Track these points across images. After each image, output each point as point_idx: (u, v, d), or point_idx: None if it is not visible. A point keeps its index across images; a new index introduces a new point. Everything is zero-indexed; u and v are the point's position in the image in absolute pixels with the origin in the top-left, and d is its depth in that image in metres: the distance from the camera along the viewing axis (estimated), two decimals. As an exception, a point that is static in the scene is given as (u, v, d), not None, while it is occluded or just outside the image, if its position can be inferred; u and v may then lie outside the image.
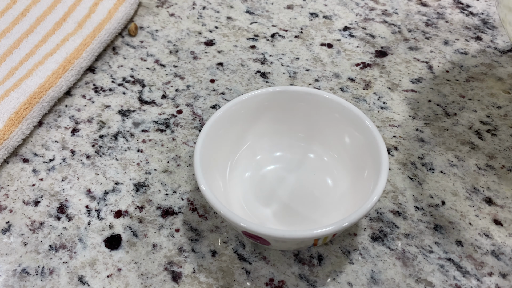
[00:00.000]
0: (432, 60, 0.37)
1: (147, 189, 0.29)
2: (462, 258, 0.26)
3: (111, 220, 0.28)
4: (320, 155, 0.29)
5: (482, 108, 0.34)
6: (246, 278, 0.25)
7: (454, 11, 0.42)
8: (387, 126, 0.33)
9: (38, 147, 0.32)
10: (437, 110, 0.34)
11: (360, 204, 0.23)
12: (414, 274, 0.25)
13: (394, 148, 0.31)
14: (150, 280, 0.25)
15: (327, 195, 0.27)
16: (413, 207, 0.28)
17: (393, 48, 0.39)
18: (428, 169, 0.30)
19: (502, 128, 0.32)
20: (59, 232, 0.27)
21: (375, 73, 0.37)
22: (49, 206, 0.28)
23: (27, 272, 0.25)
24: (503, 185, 0.29)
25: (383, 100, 0.34)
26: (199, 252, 0.26)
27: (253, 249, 0.26)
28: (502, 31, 0.40)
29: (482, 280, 0.25)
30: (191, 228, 0.27)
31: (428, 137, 0.32)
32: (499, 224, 0.27)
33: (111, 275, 0.25)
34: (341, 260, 0.26)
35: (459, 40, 0.39)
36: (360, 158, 0.26)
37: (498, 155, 0.30)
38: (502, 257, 0.25)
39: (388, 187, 0.29)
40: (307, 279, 0.25)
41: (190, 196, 0.29)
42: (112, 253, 0.26)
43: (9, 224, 0.28)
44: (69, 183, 0.30)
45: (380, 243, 0.26)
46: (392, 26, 0.41)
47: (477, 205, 0.28)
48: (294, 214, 0.26)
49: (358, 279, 0.25)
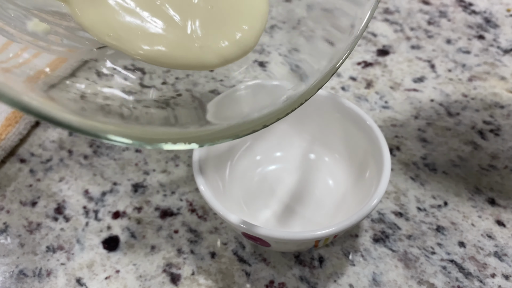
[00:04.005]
0: (435, 59, 0.37)
1: (145, 190, 0.29)
2: (465, 259, 0.25)
3: (109, 221, 0.27)
4: (321, 155, 0.28)
5: (485, 107, 0.33)
6: (246, 280, 0.25)
7: (456, 10, 0.42)
8: (389, 125, 0.32)
9: (35, 147, 0.31)
10: (439, 109, 0.33)
11: (362, 205, 0.22)
12: (416, 275, 0.25)
13: (396, 148, 0.31)
14: (148, 282, 0.25)
15: (328, 195, 0.27)
16: (415, 208, 0.27)
17: (395, 47, 0.38)
18: (430, 169, 0.29)
19: (505, 127, 0.32)
20: (56, 233, 0.27)
21: (377, 72, 0.36)
22: (47, 207, 0.28)
23: (25, 273, 0.25)
24: (506, 186, 0.28)
25: (385, 99, 0.34)
26: (198, 253, 0.26)
27: (253, 250, 0.26)
28: (504, 29, 0.40)
29: (485, 282, 0.24)
30: (190, 229, 0.27)
31: (430, 137, 0.31)
32: (502, 225, 0.27)
33: (109, 276, 0.25)
34: (342, 261, 0.25)
35: (462, 38, 0.39)
36: (362, 159, 0.26)
37: (501, 155, 0.30)
38: (505, 258, 0.25)
39: (390, 188, 0.29)
40: (307, 281, 0.25)
41: (189, 197, 0.28)
42: (110, 255, 0.26)
43: (6, 225, 0.27)
44: (67, 183, 0.29)
45: (382, 245, 0.26)
46: (394, 25, 0.41)
47: (479, 206, 0.27)
48: (295, 215, 0.26)
49: (360, 281, 0.24)
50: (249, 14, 0.20)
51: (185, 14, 0.19)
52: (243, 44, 0.20)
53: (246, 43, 0.20)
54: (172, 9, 0.19)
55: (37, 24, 0.19)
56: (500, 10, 0.42)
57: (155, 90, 0.20)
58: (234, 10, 0.20)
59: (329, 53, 0.22)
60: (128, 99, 0.22)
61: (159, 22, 0.19)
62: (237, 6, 0.20)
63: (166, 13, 0.19)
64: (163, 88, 0.25)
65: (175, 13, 0.19)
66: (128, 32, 0.18)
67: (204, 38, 0.19)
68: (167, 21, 0.19)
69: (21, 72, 0.18)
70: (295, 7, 0.28)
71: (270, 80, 0.25)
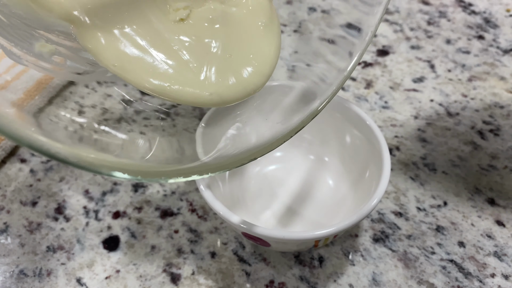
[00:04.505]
0: (434, 59, 0.37)
1: (145, 190, 0.29)
2: (465, 259, 0.25)
3: (109, 221, 0.27)
4: (321, 156, 0.28)
5: (485, 107, 0.33)
6: (246, 280, 0.25)
7: (456, 10, 0.42)
8: (388, 126, 0.32)
9: (36, 147, 0.32)
10: (439, 109, 0.33)
11: (362, 205, 0.22)
12: (416, 275, 0.25)
13: (396, 148, 0.31)
14: (148, 282, 0.25)
15: (328, 195, 0.27)
16: (415, 208, 0.28)
17: (395, 47, 0.38)
18: (430, 169, 0.29)
19: (505, 127, 0.32)
20: (56, 233, 0.27)
21: (377, 72, 0.36)
22: (47, 207, 0.28)
23: (25, 273, 0.25)
24: (506, 186, 0.28)
25: (384, 99, 0.34)
26: (198, 253, 0.26)
27: (253, 250, 0.26)
28: (504, 30, 0.40)
29: (484, 282, 0.24)
30: (190, 229, 0.27)
31: (430, 137, 0.31)
32: (502, 225, 0.27)
33: (109, 276, 0.25)
34: (342, 261, 0.25)
35: (461, 39, 0.39)
36: (362, 159, 0.26)
37: (500, 155, 0.30)
38: (505, 258, 0.25)
39: (389, 188, 0.29)
40: (307, 281, 0.25)
41: (189, 197, 0.28)
42: (110, 255, 0.26)
43: (6, 225, 0.27)
44: (67, 183, 0.29)
45: (382, 245, 0.26)
46: (393, 25, 0.41)
47: (479, 206, 0.27)
48: (295, 215, 0.26)
49: (360, 281, 0.24)
50: (261, 59, 0.20)
51: (202, 60, 0.19)
52: (250, 89, 0.20)
53: (253, 88, 0.20)
54: (188, 54, 0.19)
55: (43, 45, 0.19)
56: (499, 10, 0.42)
57: (156, 97, 0.20)
58: (248, 56, 0.20)
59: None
60: (128, 110, 0.23)
61: (171, 63, 0.19)
62: (252, 51, 0.20)
63: (181, 57, 0.19)
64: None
65: (190, 58, 0.19)
66: (136, 66, 0.18)
67: (216, 85, 0.19)
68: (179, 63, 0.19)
69: (9, 95, 0.19)
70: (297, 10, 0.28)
71: (270, 81, 0.25)
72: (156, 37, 0.19)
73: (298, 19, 0.36)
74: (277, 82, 0.26)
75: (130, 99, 0.32)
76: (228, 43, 0.20)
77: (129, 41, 0.18)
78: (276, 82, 0.26)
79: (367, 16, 0.21)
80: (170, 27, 0.19)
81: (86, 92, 0.34)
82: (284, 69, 0.28)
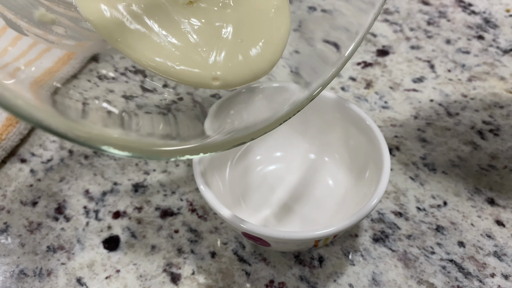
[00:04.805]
0: (434, 59, 0.37)
1: (145, 190, 0.29)
2: (464, 259, 0.25)
3: (109, 221, 0.27)
4: (321, 155, 0.28)
5: (485, 107, 0.33)
6: (246, 280, 0.25)
7: (456, 10, 0.42)
8: (388, 126, 0.32)
9: (36, 147, 0.32)
10: (439, 109, 0.33)
11: (361, 205, 0.22)
12: (416, 275, 0.25)
13: (395, 148, 0.31)
14: (149, 282, 0.25)
15: (328, 195, 0.27)
16: (415, 208, 0.28)
17: (395, 47, 0.38)
18: (430, 169, 0.29)
19: (504, 128, 0.32)
20: (57, 233, 0.27)
21: (377, 72, 0.36)
22: (47, 207, 0.28)
23: (25, 273, 0.25)
24: (506, 186, 0.28)
25: (384, 99, 0.34)
26: (199, 253, 0.26)
27: (253, 250, 0.26)
28: (504, 30, 0.40)
29: (484, 282, 0.24)
30: (190, 229, 0.27)
31: (430, 137, 0.31)
32: (502, 225, 0.27)
33: (110, 276, 0.25)
34: (342, 261, 0.25)
35: (461, 39, 0.39)
36: (362, 159, 0.26)
37: (500, 155, 0.30)
38: (505, 258, 0.25)
39: (389, 188, 0.29)
40: (307, 280, 0.25)
41: (189, 197, 0.29)
42: (110, 254, 0.26)
43: (6, 224, 0.27)
44: (67, 183, 0.29)
45: (382, 244, 0.26)
46: (393, 25, 0.41)
47: (479, 206, 0.28)
48: (295, 215, 0.26)
49: (359, 280, 0.25)
50: (271, 45, 0.20)
51: (212, 44, 0.19)
52: (257, 72, 0.20)
53: (260, 72, 0.20)
54: (197, 37, 0.19)
55: (43, 15, 0.19)
56: (499, 10, 0.42)
57: (157, 94, 0.20)
58: (259, 41, 0.20)
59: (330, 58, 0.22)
60: (130, 105, 0.22)
61: (178, 44, 0.18)
62: (263, 35, 0.20)
63: (189, 40, 0.19)
64: (164, 91, 0.25)
65: (199, 41, 0.19)
66: (140, 43, 0.18)
67: (224, 67, 0.19)
68: (187, 45, 0.19)
69: (25, 76, 0.18)
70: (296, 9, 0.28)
71: (270, 82, 0.25)
72: (164, 18, 0.18)
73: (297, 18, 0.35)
74: (277, 84, 0.26)
75: (132, 94, 0.32)
76: (240, 28, 0.20)
77: (134, 18, 0.18)
78: (277, 83, 0.26)
79: (360, 13, 0.21)
80: (179, 9, 0.19)
81: (88, 86, 0.34)
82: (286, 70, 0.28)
